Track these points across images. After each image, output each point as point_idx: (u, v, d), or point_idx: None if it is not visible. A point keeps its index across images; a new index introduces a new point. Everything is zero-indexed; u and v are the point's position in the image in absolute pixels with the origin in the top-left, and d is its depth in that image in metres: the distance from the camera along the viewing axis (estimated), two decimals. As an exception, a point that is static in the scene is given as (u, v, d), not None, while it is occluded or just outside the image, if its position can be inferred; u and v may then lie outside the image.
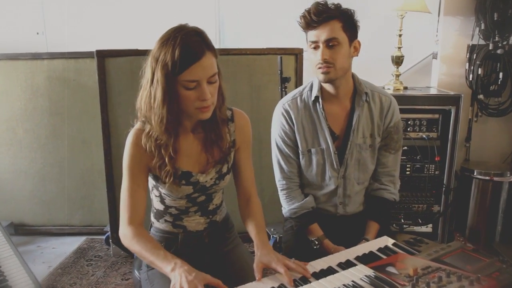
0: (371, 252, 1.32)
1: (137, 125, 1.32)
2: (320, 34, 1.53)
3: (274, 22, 3.26)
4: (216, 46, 3.41)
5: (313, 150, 1.68)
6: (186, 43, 1.16)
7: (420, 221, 2.58)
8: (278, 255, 1.29)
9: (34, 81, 2.85)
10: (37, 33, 3.43)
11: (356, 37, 1.59)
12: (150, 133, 1.27)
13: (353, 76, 1.68)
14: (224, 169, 1.42)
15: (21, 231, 3.09)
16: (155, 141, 1.27)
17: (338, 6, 1.55)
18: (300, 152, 1.69)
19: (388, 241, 1.40)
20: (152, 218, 1.51)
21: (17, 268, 1.26)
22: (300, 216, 1.70)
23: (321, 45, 1.53)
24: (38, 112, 2.90)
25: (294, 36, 3.18)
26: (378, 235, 1.65)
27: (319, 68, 1.56)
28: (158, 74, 1.18)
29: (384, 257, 1.28)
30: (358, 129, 1.66)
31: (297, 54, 2.74)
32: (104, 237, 2.86)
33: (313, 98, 1.66)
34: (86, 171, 2.98)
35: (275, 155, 1.74)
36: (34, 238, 3.06)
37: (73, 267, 2.65)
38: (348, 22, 1.55)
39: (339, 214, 1.74)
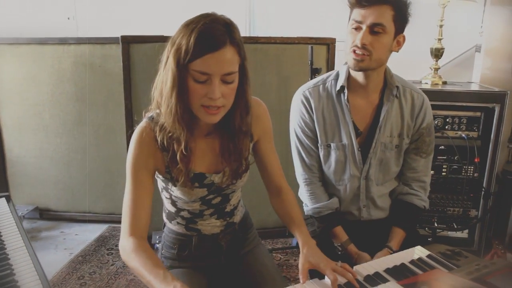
0: (402, 265, 1.18)
1: (143, 121, 1.20)
2: (367, 15, 1.37)
3: (307, 10, 3.12)
4: (246, 34, 3.32)
5: (332, 145, 1.55)
6: (206, 30, 1.04)
7: (455, 226, 2.41)
8: (326, 257, 1.18)
9: (60, 66, 2.82)
10: (68, 18, 3.43)
11: (402, 31, 1.44)
12: (164, 124, 1.15)
13: (385, 68, 1.53)
14: (242, 168, 1.28)
15: (46, 216, 3.10)
16: (168, 133, 1.15)
17: None
18: (319, 145, 1.57)
19: (422, 252, 1.25)
20: (165, 218, 1.42)
21: (26, 261, 1.18)
22: (325, 216, 1.58)
23: (364, 27, 1.38)
24: (64, 98, 2.87)
25: (327, 25, 3.07)
26: (403, 243, 1.52)
27: (353, 52, 1.41)
28: (170, 58, 1.07)
29: (418, 271, 1.15)
30: (386, 126, 1.52)
31: (329, 44, 2.60)
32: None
33: (338, 88, 1.52)
34: (110, 158, 2.94)
35: (295, 146, 1.61)
36: (58, 223, 3.07)
37: (93, 255, 2.63)
38: (401, 12, 1.40)
39: (363, 218, 1.61)
